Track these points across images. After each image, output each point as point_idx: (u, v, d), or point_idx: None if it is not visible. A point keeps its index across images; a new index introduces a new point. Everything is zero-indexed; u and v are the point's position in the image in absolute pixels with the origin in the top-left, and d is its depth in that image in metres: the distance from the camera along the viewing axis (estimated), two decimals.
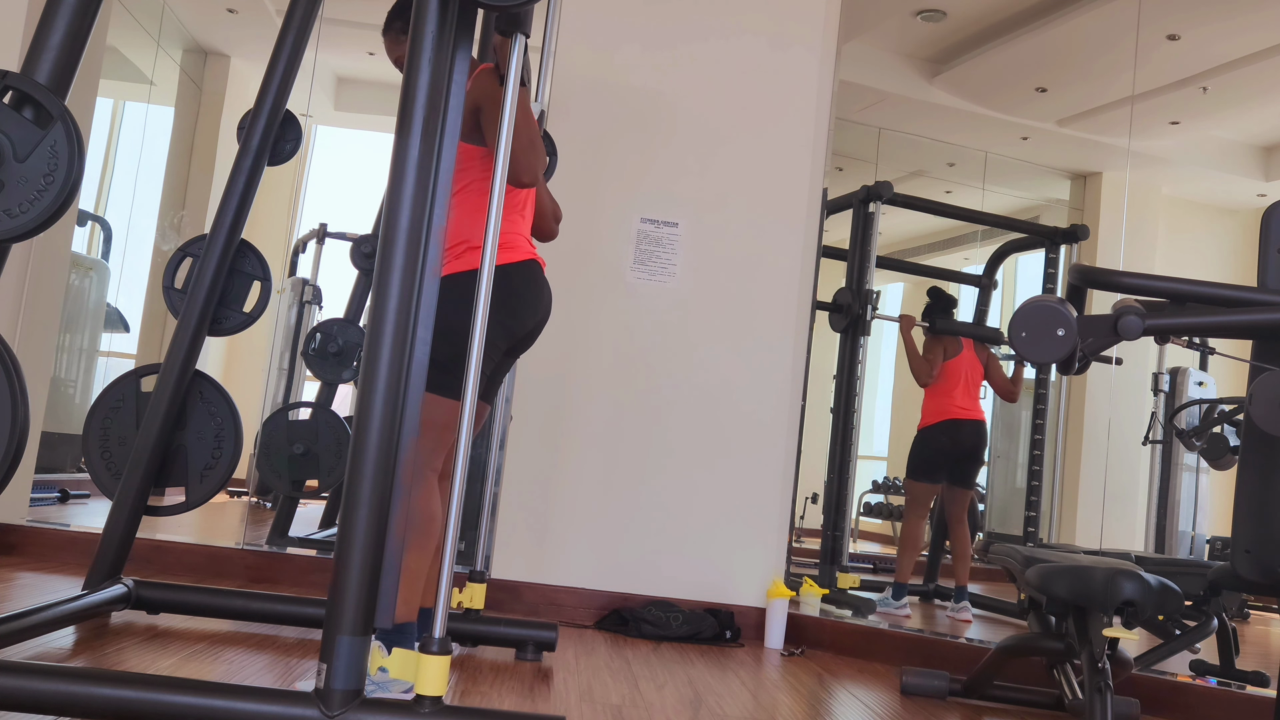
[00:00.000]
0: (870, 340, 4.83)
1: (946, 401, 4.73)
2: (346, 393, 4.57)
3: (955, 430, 4.70)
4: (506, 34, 1.97)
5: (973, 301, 5.55)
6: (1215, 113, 5.08)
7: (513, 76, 1.94)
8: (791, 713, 2.54)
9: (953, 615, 4.52)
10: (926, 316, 4.89)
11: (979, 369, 4.80)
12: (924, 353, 4.81)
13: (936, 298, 4.94)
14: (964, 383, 4.75)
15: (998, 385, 4.86)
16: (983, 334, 4.93)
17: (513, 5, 1.82)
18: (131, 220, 5.53)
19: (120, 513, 2.68)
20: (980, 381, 4.81)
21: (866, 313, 4.74)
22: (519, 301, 2.39)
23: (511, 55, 1.95)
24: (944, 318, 4.86)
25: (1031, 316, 1.84)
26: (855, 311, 4.76)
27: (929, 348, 4.82)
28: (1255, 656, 3.84)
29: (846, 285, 4.85)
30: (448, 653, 1.77)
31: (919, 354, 4.80)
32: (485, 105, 2.26)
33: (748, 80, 3.87)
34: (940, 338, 4.81)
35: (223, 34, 5.66)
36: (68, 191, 1.82)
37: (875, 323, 4.84)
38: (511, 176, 2.23)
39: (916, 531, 4.74)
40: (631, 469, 3.68)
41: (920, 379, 4.80)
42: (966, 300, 5.72)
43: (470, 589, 2.88)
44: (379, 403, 1.80)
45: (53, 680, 1.71)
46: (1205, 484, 4.92)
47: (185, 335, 2.75)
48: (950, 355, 4.76)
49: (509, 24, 1.94)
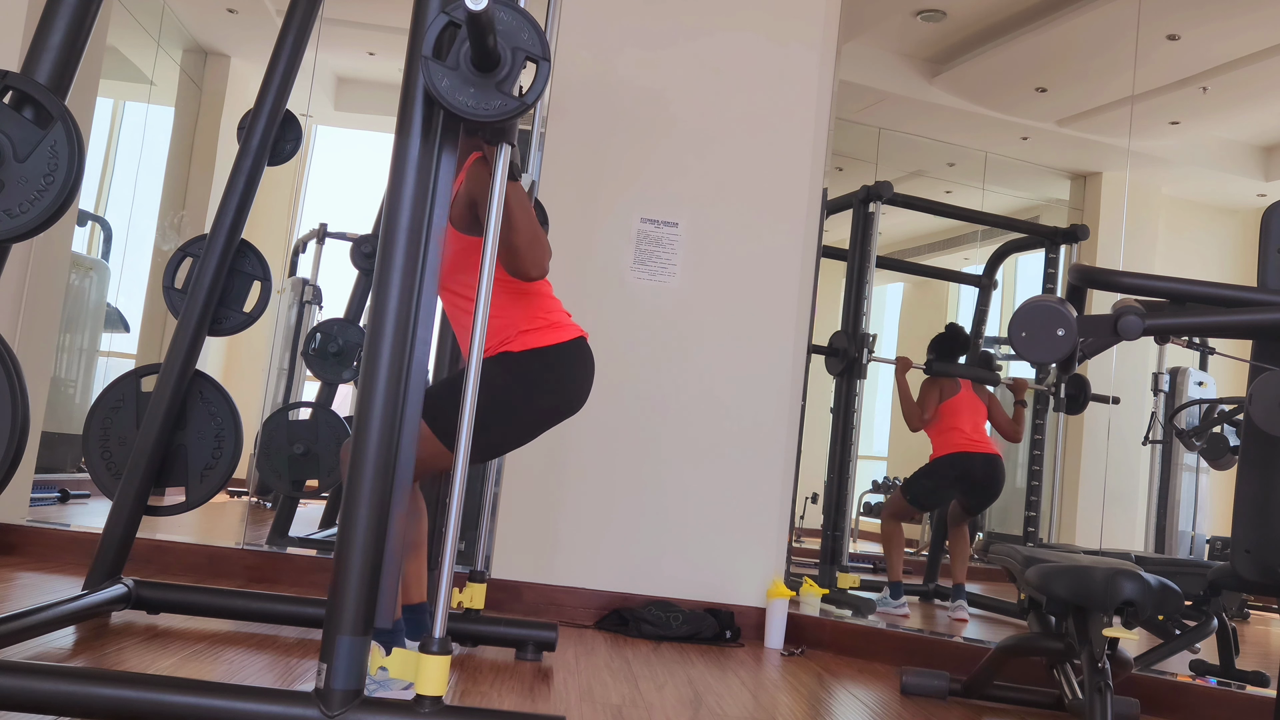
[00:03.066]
0: (870, 339, 4.82)
1: (955, 436, 4.63)
2: (346, 393, 4.57)
3: (967, 463, 4.60)
4: (492, 143, 1.91)
5: (973, 302, 5.55)
6: (1215, 113, 5.08)
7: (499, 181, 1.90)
8: (791, 713, 2.54)
9: (952, 615, 4.52)
10: (933, 349, 4.82)
11: (981, 408, 4.72)
12: (921, 394, 4.74)
13: (946, 338, 4.85)
14: (969, 419, 4.66)
15: (1000, 425, 4.78)
16: (979, 376, 4.84)
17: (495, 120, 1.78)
18: (131, 220, 5.53)
19: (120, 513, 2.68)
20: (984, 421, 4.72)
21: (863, 356, 4.68)
22: (573, 381, 2.38)
23: (497, 162, 1.91)
24: (944, 359, 4.78)
25: (1031, 316, 1.84)
26: (851, 354, 4.70)
27: (925, 389, 4.75)
28: (1255, 656, 3.84)
29: (842, 329, 4.78)
30: (448, 653, 1.77)
31: (911, 397, 4.73)
32: (480, 199, 2.20)
33: (748, 80, 3.86)
34: (937, 379, 4.74)
35: (223, 34, 5.66)
36: (68, 191, 1.82)
37: (873, 317, 4.83)
38: (519, 274, 2.20)
39: (895, 531, 4.70)
40: (631, 469, 3.68)
41: (911, 423, 4.73)
42: (967, 300, 5.73)
43: (470, 589, 2.88)
44: (379, 403, 1.80)
45: (53, 680, 1.71)
46: (1205, 484, 4.92)
47: (185, 335, 2.75)
48: (947, 396, 4.69)
49: (494, 135, 1.88)
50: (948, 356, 4.80)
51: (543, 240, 2.20)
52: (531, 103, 1.77)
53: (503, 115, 1.76)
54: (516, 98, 1.78)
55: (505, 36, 1.78)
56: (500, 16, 1.78)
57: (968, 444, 4.62)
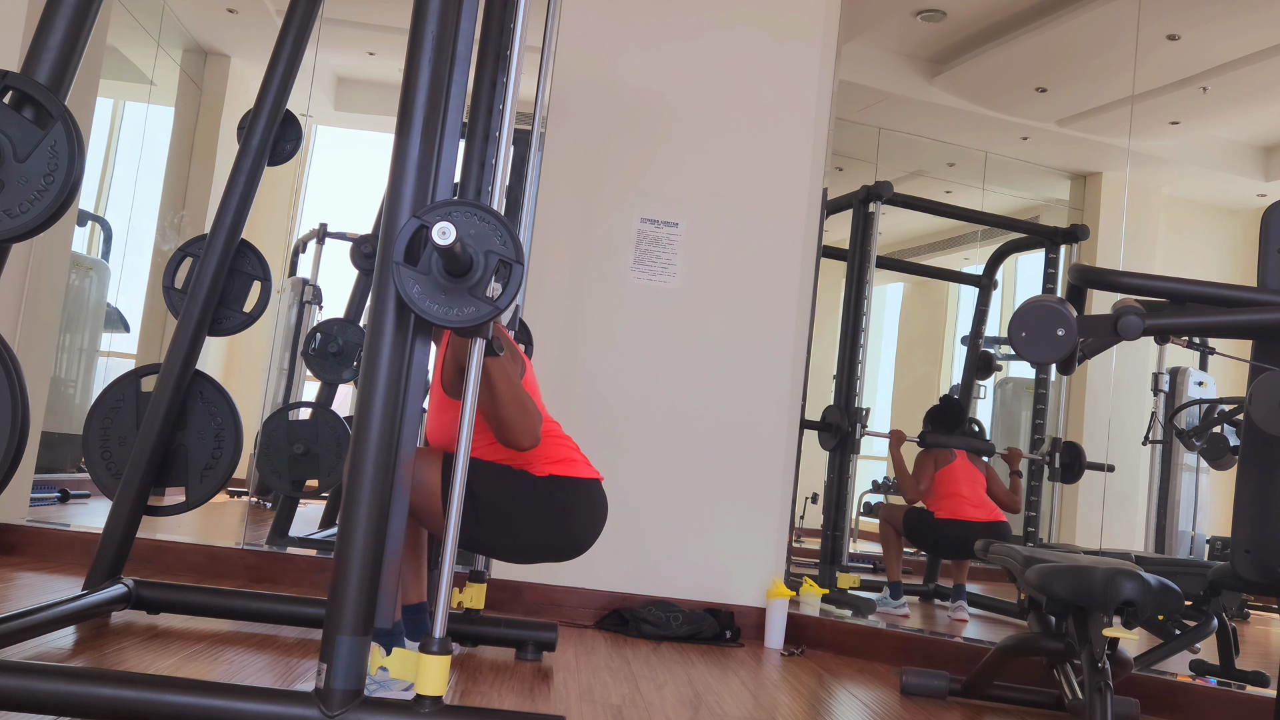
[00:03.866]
0: (870, 336, 4.82)
1: (959, 503, 4.58)
2: (346, 393, 4.57)
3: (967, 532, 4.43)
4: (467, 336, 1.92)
5: (973, 302, 5.55)
6: (1215, 113, 5.08)
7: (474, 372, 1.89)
8: (791, 713, 2.54)
9: (952, 615, 4.52)
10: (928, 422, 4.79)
11: (980, 478, 4.68)
12: (916, 466, 4.72)
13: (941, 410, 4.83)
14: (969, 486, 4.62)
15: (998, 497, 4.71)
16: (974, 446, 4.82)
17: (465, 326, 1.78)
18: (131, 220, 5.53)
19: (120, 513, 2.68)
20: (984, 490, 4.67)
21: (856, 430, 4.66)
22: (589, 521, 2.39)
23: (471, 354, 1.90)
24: (939, 430, 4.76)
25: (1031, 316, 1.84)
26: (844, 429, 4.68)
27: (921, 461, 4.73)
28: (1255, 656, 3.84)
29: (835, 403, 4.75)
30: (448, 653, 1.77)
31: (906, 470, 4.72)
32: None
33: (748, 80, 3.87)
34: (931, 450, 4.72)
35: (223, 34, 5.66)
36: (68, 191, 1.82)
37: (873, 317, 4.82)
38: (512, 445, 2.20)
39: (891, 534, 4.70)
40: (631, 468, 3.68)
41: (907, 495, 4.70)
42: (967, 300, 5.73)
43: (470, 589, 2.88)
44: (379, 403, 1.80)
45: (53, 680, 1.71)
46: (1205, 484, 4.92)
47: (185, 335, 2.75)
48: (942, 465, 4.66)
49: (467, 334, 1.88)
50: (942, 428, 4.79)
51: (529, 409, 2.19)
52: (504, 307, 1.77)
53: (473, 321, 1.77)
54: (489, 301, 1.77)
55: (477, 240, 1.77)
56: (473, 222, 1.78)
57: (972, 511, 4.56)
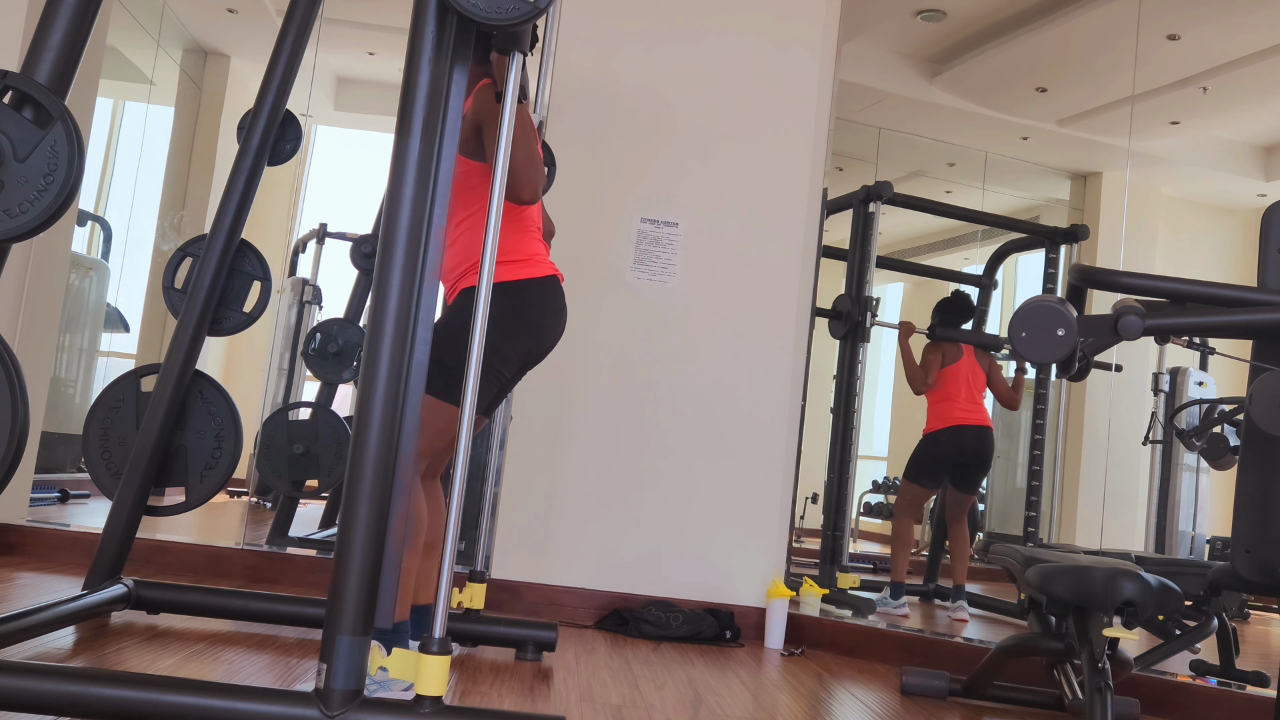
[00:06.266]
0: (871, 339, 4.82)
1: (950, 407, 4.68)
2: (346, 393, 4.57)
3: (959, 436, 4.66)
4: (504, 52, 1.94)
5: (973, 302, 5.55)
6: (1215, 113, 5.08)
7: (510, 95, 1.92)
8: (791, 713, 2.54)
9: (952, 615, 4.52)
10: (937, 314, 4.85)
11: (981, 375, 4.76)
12: (923, 358, 4.77)
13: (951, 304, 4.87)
14: (966, 388, 4.70)
15: (999, 393, 4.82)
16: (982, 340, 4.88)
17: (508, 24, 1.80)
18: (131, 220, 5.53)
19: (120, 513, 2.67)
20: (983, 388, 4.76)
21: (866, 319, 4.71)
22: (542, 319, 2.35)
23: (509, 73, 1.94)
24: (949, 324, 4.82)
25: (1031, 316, 1.84)
26: (855, 318, 4.74)
27: (927, 354, 4.78)
28: (1255, 656, 3.84)
29: (846, 291, 4.82)
30: (448, 653, 1.77)
31: (914, 361, 4.77)
32: (486, 122, 2.23)
33: (748, 80, 3.86)
34: (939, 344, 4.78)
35: (223, 34, 5.66)
36: (68, 191, 1.82)
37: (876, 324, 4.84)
38: (512, 193, 2.19)
39: (907, 530, 4.74)
40: (632, 469, 3.68)
41: (915, 386, 4.77)
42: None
43: (470, 589, 2.88)
44: (379, 403, 1.80)
45: (53, 680, 1.71)
46: (1205, 484, 4.92)
47: (185, 335, 2.75)
48: (949, 361, 4.72)
49: (506, 42, 1.92)
50: (952, 322, 4.82)
51: (538, 163, 2.22)
52: (544, 7, 1.79)
53: (516, 19, 1.77)
54: (529, 1, 1.79)
55: None
56: None
57: (961, 416, 4.66)
